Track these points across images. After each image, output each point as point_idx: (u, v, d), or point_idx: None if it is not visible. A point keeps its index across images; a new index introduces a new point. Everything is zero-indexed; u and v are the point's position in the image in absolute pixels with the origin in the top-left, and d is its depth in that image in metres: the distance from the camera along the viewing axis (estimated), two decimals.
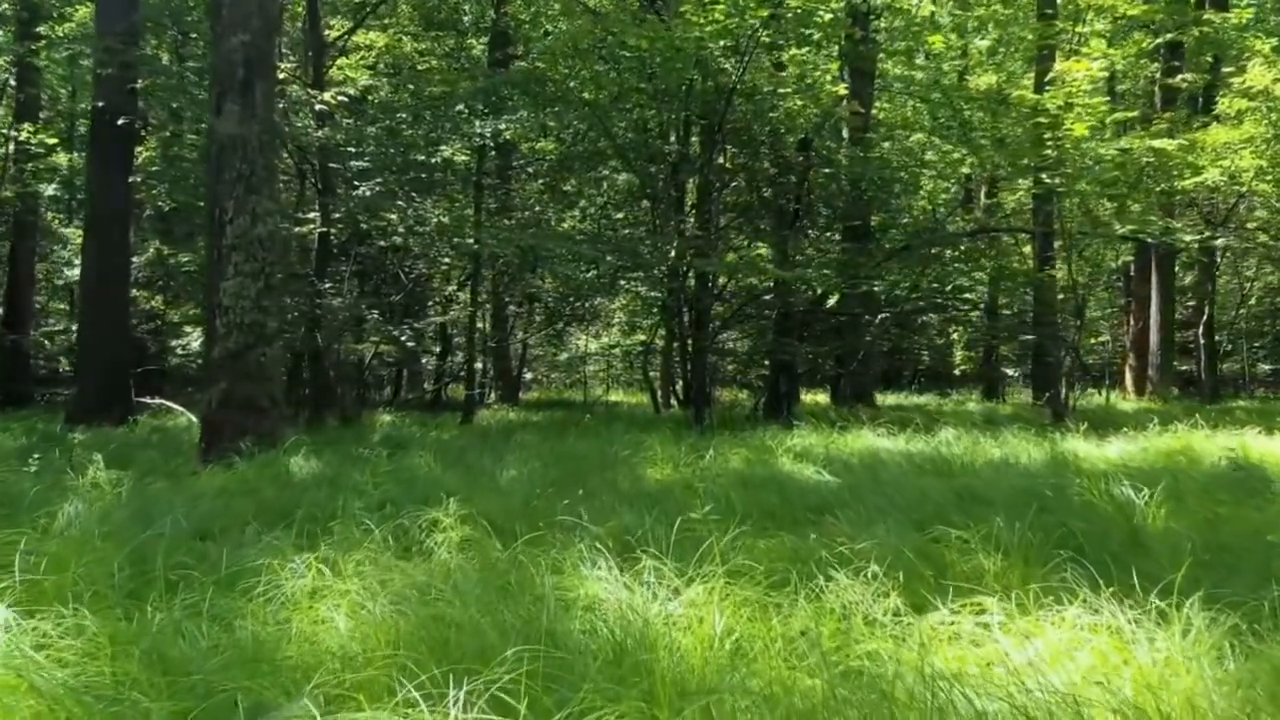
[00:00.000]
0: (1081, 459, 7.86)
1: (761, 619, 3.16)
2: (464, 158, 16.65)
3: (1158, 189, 12.26)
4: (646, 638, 2.85)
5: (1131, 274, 23.72)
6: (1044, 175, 11.34)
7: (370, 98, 17.30)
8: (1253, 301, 25.39)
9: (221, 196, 7.48)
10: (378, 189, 13.52)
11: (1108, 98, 12.26)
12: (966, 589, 3.35)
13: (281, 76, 16.06)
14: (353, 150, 14.46)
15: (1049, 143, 11.19)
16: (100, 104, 13.30)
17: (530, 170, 19.36)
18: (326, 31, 16.53)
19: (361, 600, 3.16)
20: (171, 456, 8.68)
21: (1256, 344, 27.90)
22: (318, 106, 13.25)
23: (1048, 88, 10.81)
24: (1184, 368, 22.95)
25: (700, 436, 10.29)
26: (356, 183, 13.81)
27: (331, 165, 14.48)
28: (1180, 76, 14.54)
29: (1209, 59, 16.18)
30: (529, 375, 27.13)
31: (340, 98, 13.36)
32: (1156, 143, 10.75)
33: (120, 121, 12.97)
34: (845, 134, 16.62)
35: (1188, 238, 11.93)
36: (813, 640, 2.88)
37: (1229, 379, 26.44)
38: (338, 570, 3.58)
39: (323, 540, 4.35)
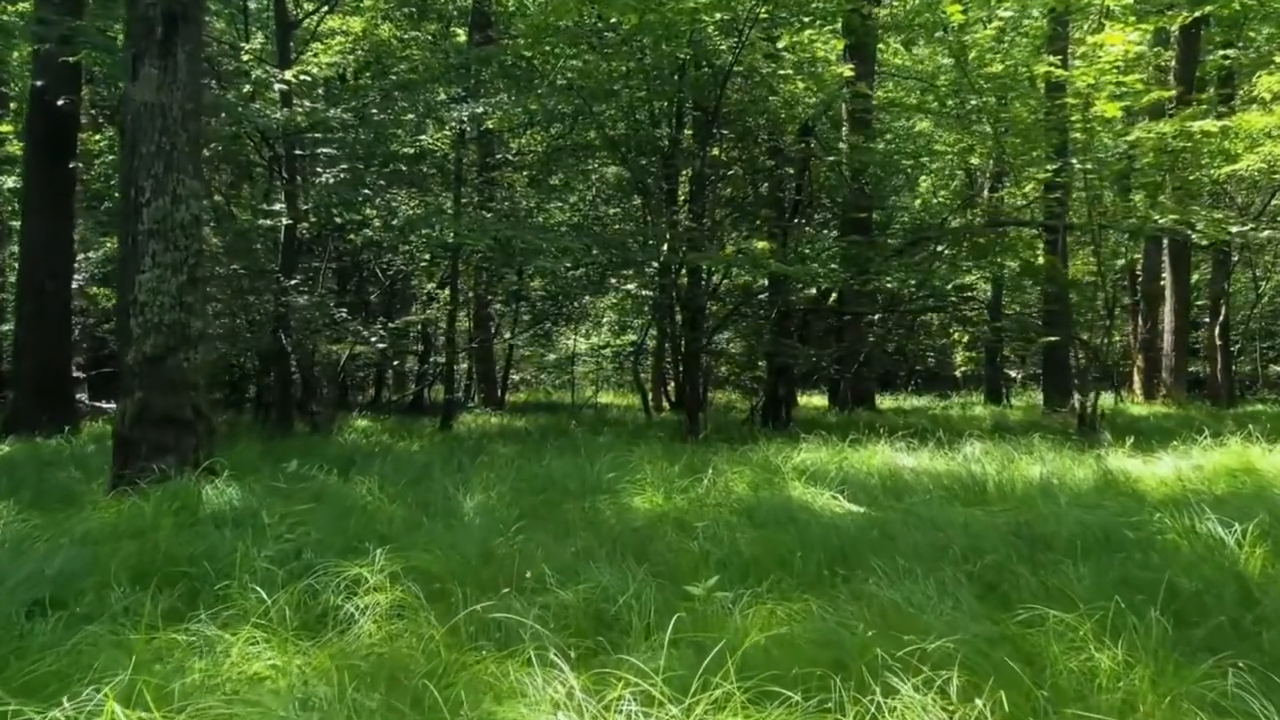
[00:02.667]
0: (1135, 480, 6.84)
1: None
2: (444, 148, 15.56)
3: (1191, 178, 11.29)
4: None
5: (1138, 272, 22.79)
6: (1074, 160, 10.32)
7: (346, 82, 16.19)
8: (1265, 300, 24.47)
9: (137, 175, 6.40)
10: (343, 176, 12.39)
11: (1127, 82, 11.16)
12: (1086, 715, 2.31)
13: (246, 58, 15.03)
14: (319, 136, 13.36)
15: (1077, 125, 10.17)
16: (40, 83, 12.19)
17: (514, 159, 18.26)
18: (296, 13, 15.41)
19: None
20: (96, 475, 7.59)
21: (1265, 344, 27.03)
22: (277, 86, 12.15)
23: (1076, 63, 9.81)
24: (1191, 369, 22.01)
25: (695, 449, 9.24)
26: (320, 169, 12.70)
27: (297, 152, 13.40)
28: (1221, 54, 13.53)
29: (1252, 35, 15.18)
30: (517, 376, 26.08)
31: (303, 77, 12.26)
32: (1198, 124, 9.74)
33: (60, 102, 11.85)
34: (846, 122, 15.62)
35: (1233, 229, 10.94)
36: None
37: (1237, 381, 25.52)
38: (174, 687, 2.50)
39: (194, 613, 3.28)
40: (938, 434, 9.06)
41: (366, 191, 12.68)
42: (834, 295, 14.22)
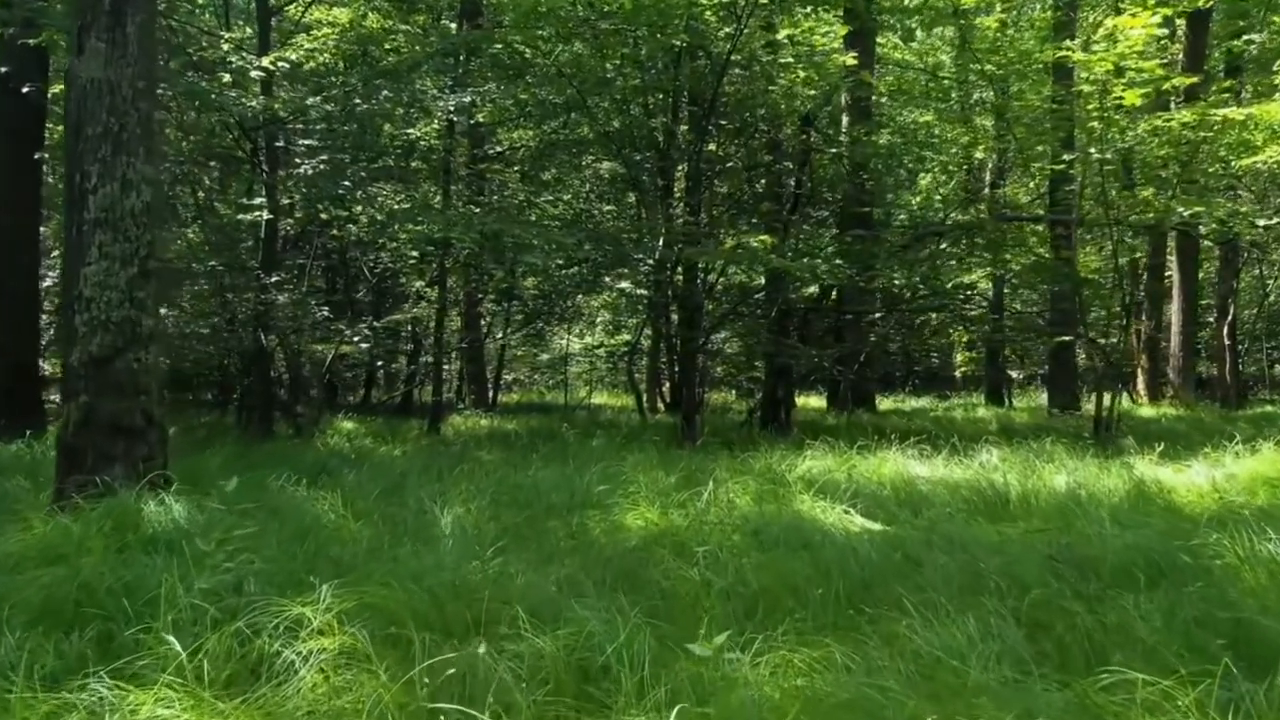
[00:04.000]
0: (1168, 491, 6.33)
1: None
2: (432, 139, 14.99)
3: (1210, 170, 10.80)
4: None
5: (1140, 271, 22.31)
6: (1092, 150, 9.80)
7: (335, 73, 15.60)
8: (1271, 299, 24.00)
9: (83, 158, 5.84)
10: (322, 168, 11.83)
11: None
12: None
13: (225, 47, 14.45)
14: (301, 127, 12.80)
15: (1094, 113, 9.65)
16: (4, 70, 11.61)
17: (505, 154, 17.70)
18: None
19: None
20: (49, 485, 7.03)
21: (1271, 345, 26.60)
22: (254, 73, 11.59)
23: (1097, 47, 9.31)
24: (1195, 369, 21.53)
25: (692, 455, 8.71)
26: (298, 160, 12.15)
27: (278, 144, 12.84)
28: (1245, 38, 13.04)
29: (1275, 19, 14.67)
30: (510, 377, 25.54)
31: (281, 64, 11.69)
32: (1223, 112, 9.24)
33: (26, 89, 11.27)
34: (846, 114, 15.14)
35: (1261, 223, 10.43)
36: None
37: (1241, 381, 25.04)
38: None
39: (103, 665, 2.74)
40: (950, 440, 8.53)
41: (347, 184, 12.10)
42: (834, 294, 13.71)
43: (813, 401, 20.27)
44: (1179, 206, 9.64)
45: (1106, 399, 10.66)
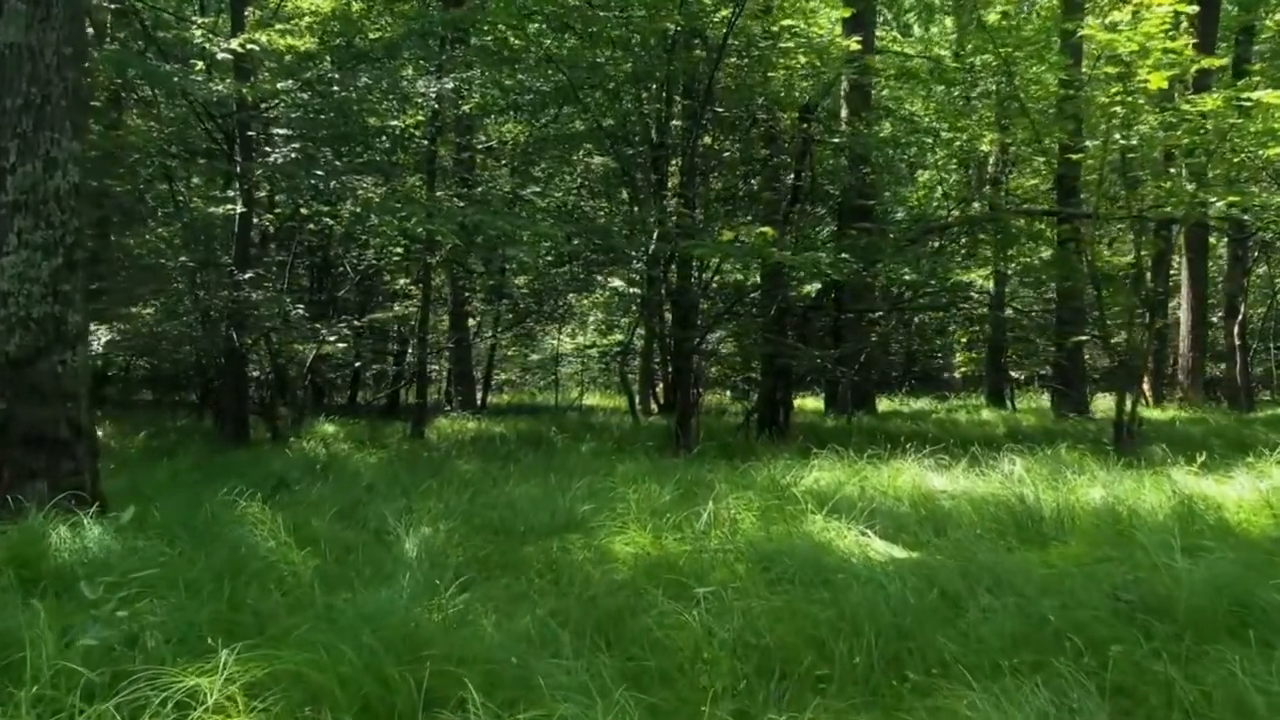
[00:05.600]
0: (1217, 507, 5.70)
1: None
2: (415, 131, 14.30)
3: (1235, 160, 10.22)
4: None
5: (1143, 268, 21.70)
6: (1117, 137, 9.19)
7: (312, 58, 14.91)
8: None
9: (1, 134, 5.19)
10: (294, 156, 11.15)
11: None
12: None
13: (197, 33, 13.76)
14: (276, 115, 12.13)
15: (1117, 98, 9.04)
16: None
17: (495, 147, 17.02)
18: None
19: None
20: None
21: (1278, 345, 26.07)
22: (220, 55, 10.91)
23: (1122, 27, 8.70)
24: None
25: (688, 464, 8.06)
26: (269, 149, 11.46)
27: (250, 133, 12.15)
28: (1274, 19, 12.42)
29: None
30: (501, 377, 24.87)
31: (251, 46, 11.00)
32: (1258, 94, 8.63)
33: None
34: (845, 107, 14.53)
35: None
36: None
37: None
38: None
39: None
40: (967, 447, 7.90)
41: (319, 173, 11.41)
42: (833, 293, 13.10)
43: (810, 403, 19.64)
44: (1211, 197, 9.03)
45: (1127, 402, 10.04)
